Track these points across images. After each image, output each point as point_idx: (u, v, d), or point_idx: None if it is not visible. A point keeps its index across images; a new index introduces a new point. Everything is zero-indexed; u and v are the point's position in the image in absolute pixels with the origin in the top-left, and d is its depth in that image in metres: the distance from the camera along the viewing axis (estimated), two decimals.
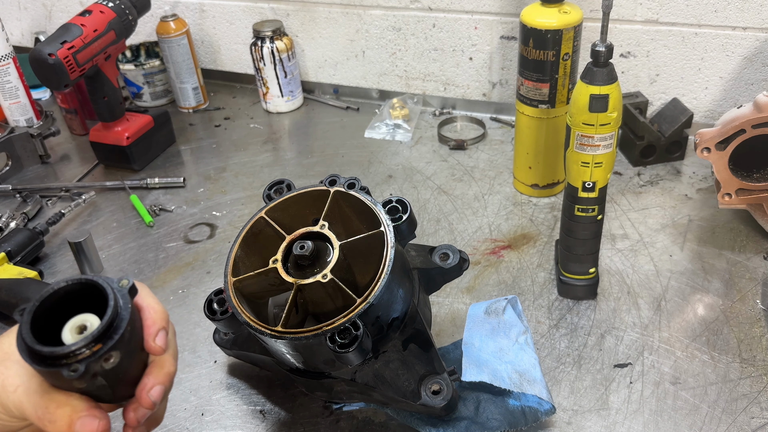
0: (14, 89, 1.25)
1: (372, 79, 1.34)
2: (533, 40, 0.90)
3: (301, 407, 0.72)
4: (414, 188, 1.07)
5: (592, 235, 0.79)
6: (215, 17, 1.41)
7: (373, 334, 0.60)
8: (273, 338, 0.58)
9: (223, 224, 1.03)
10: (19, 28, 1.64)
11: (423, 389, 0.62)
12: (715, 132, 0.84)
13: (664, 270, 0.86)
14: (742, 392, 0.70)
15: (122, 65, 1.35)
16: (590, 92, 0.68)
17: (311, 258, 0.62)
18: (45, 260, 0.99)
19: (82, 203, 1.07)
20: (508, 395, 0.67)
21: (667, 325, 0.78)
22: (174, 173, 1.18)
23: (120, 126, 1.16)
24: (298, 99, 1.36)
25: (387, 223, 0.63)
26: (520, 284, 0.86)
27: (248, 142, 1.26)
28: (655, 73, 1.12)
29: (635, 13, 1.07)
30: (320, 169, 1.15)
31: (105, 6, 1.08)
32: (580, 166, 0.73)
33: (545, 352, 0.76)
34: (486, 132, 1.20)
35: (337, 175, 0.68)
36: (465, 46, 1.22)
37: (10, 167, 1.20)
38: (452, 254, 0.68)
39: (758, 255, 0.87)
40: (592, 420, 0.68)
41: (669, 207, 0.98)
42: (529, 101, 0.95)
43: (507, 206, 1.01)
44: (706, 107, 1.12)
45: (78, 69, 1.03)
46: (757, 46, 1.03)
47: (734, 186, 0.87)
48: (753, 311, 0.79)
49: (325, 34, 1.32)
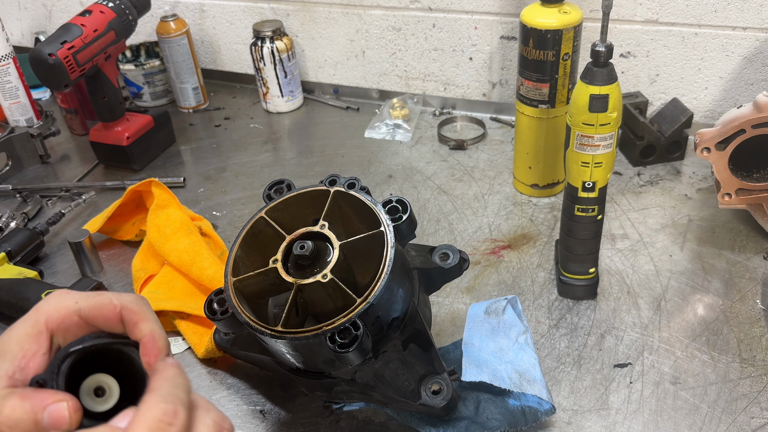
0: (14, 89, 1.25)
1: (372, 79, 1.34)
2: (533, 40, 0.90)
3: (301, 407, 0.72)
4: (414, 188, 1.07)
5: (592, 235, 0.79)
6: (215, 17, 1.41)
7: (373, 334, 0.60)
8: (273, 338, 0.58)
9: (223, 224, 1.03)
10: (19, 28, 1.64)
11: (423, 389, 0.62)
12: (715, 132, 0.84)
13: (664, 270, 0.86)
14: (742, 392, 0.70)
15: (122, 65, 1.35)
16: (590, 92, 0.68)
17: (311, 258, 0.62)
18: (45, 260, 0.99)
19: (82, 203, 1.07)
20: (508, 395, 0.67)
21: (667, 325, 0.78)
22: (174, 173, 1.18)
23: (120, 126, 1.16)
24: (298, 99, 1.36)
25: (387, 223, 0.63)
26: (520, 284, 0.86)
27: (248, 142, 1.26)
28: (655, 73, 1.12)
29: (635, 13, 1.07)
30: (320, 169, 1.15)
31: (105, 6, 1.08)
32: (580, 166, 0.73)
33: (545, 352, 0.76)
34: (486, 132, 1.20)
35: (337, 175, 0.68)
36: (465, 46, 1.22)
37: (10, 167, 1.20)
38: (452, 254, 0.68)
39: (758, 255, 0.87)
40: (592, 420, 0.68)
41: (669, 207, 0.98)
42: (529, 101, 0.96)
43: (507, 206, 1.01)
44: (706, 107, 1.12)
45: (78, 69, 1.03)
46: (757, 46, 1.03)
47: (734, 186, 0.87)
48: (753, 311, 0.79)
49: (325, 34, 1.32)
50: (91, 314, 0.44)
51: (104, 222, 0.97)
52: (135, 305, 0.44)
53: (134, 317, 0.44)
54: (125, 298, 0.45)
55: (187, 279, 0.87)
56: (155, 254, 0.91)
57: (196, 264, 0.84)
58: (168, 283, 0.87)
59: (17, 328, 0.43)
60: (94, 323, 0.44)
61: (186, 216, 0.93)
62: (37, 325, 0.43)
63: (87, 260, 0.93)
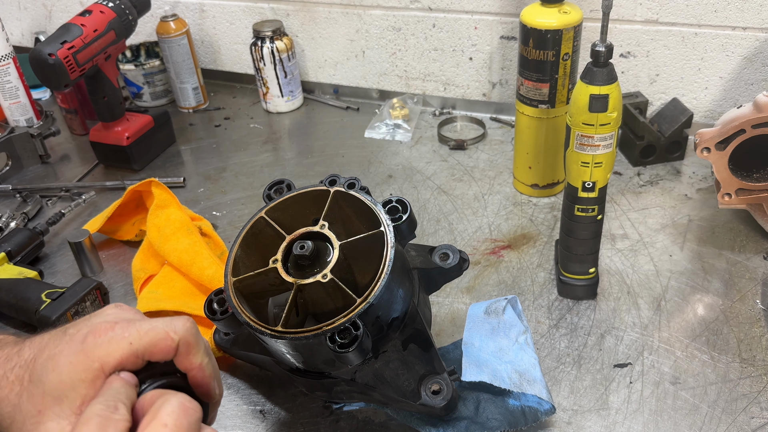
0: (14, 89, 1.25)
1: (372, 79, 1.34)
2: (533, 40, 0.90)
3: (301, 407, 0.72)
4: (414, 188, 1.07)
5: (592, 235, 0.79)
6: (215, 17, 1.41)
7: (373, 334, 0.60)
8: (273, 338, 0.58)
9: (223, 224, 1.03)
10: (19, 28, 1.64)
11: (423, 389, 0.62)
12: (715, 132, 0.84)
13: (664, 270, 0.86)
14: (741, 392, 0.70)
15: (122, 65, 1.35)
16: (590, 92, 0.68)
17: (311, 258, 0.62)
18: (45, 260, 0.99)
19: (82, 203, 1.07)
20: (508, 395, 0.67)
21: (667, 325, 0.78)
22: (174, 173, 1.18)
23: (120, 126, 1.16)
24: (298, 99, 1.36)
25: (387, 223, 0.63)
26: (520, 284, 0.86)
27: (248, 142, 1.26)
28: (655, 73, 1.12)
29: (635, 13, 1.07)
30: (320, 169, 1.15)
31: (105, 6, 1.08)
32: (580, 166, 0.73)
33: (545, 352, 0.76)
34: (486, 132, 1.20)
35: (337, 175, 0.68)
36: (465, 46, 1.22)
37: (10, 167, 1.20)
38: (452, 254, 0.68)
39: (758, 255, 0.87)
40: (592, 420, 0.68)
41: (669, 207, 0.98)
42: (529, 101, 0.96)
43: (507, 206, 1.01)
44: (706, 107, 1.12)
45: (78, 69, 1.03)
46: (757, 46, 1.03)
47: (734, 186, 0.87)
48: (753, 311, 0.79)
49: (325, 34, 1.32)
50: (148, 351, 0.44)
51: (104, 222, 0.97)
52: (191, 337, 0.46)
53: (188, 349, 0.46)
54: (179, 327, 0.46)
55: (187, 279, 0.87)
56: (155, 254, 0.91)
57: (196, 264, 0.84)
58: (168, 283, 0.87)
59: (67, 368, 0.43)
60: (150, 358, 0.45)
61: (186, 216, 0.93)
62: (91, 370, 0.43)
63: (87, 260, 0.93)
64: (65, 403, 0.42)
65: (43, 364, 0.44)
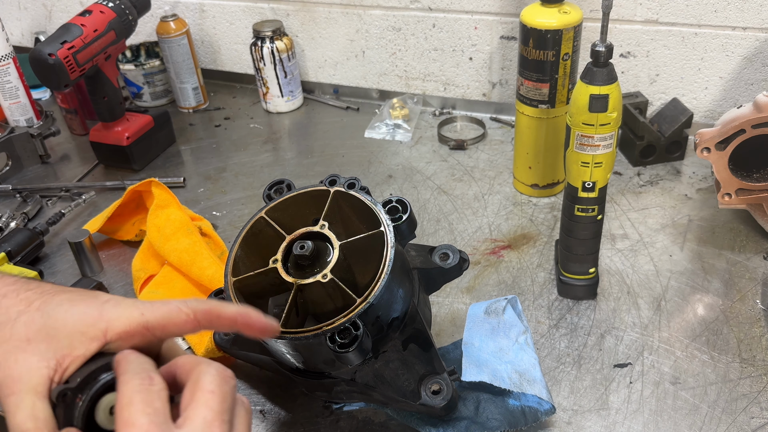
0: (14, 89, 1.25)
1: (372, 79, 1.34)
2: (533, 40, 0.90)
3: (301, 407, 0.72)
4: (414, 188, 1.07)
5: (592, 235, 0.79)
6: (215, 17, 1.41)
7: (373, 334, 0.60)
8: (273, 338, 0.58)
9: (223, 224, 1.03)
10: (19, 28, 1.64)
11: (423, 389, 0.62)
12: (715, 132, 0.84)
13: (664, 270, 0.86)
14: (741, 392, 0.70)
15: (122, 65, 1.35)
16: (590, 92, 0.68)
17: (311, 258, 0.62)
18: (45, 260, 0.99)
19: (82, 203, 1.07)
20: (508, 395, 0.67)
21: (667, 325, 0.78)
22: (174, 173, 1.18)
23: (120, 126, 1.16)
24: (298, 99, 1.36)
25: (387, 223, 0.63)
26: (520, 284, 0.86)
27: (248, 142, 1.26)
28: (655, 73, 1.12)
29: (635, 13, 1.07)
30: (320, 169, 1.15)
31: (105, 6, 1.08)
32: (580, 166, 0.73)
33: (545, 352, 0.76)
34: (486, 132, 1.20)
35: (337, 175, 0.68)
36: (465, 46, 1.22)
37: (10, 167, 1.20)
38: (452, 254, 0.68)
39: (758, 255, 0.87)
40: (592, 420, 0.68)
41: (669, 207, 0.98)
42: (529, 101, 0.96)
43: (507, 206, 1.01)
44: (706, 107, 1.12)
45: (78, 69, 1.03)
46: (757, 46, 1.03)
47: (734, 186, 0.87)
48: (753, 311, 0.79)
49: (325, 34, 1.32)
50: (160, 324, 0.44)
51: (104, 222, 0.97)
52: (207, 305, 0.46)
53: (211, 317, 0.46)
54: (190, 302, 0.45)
55: (187, 279, 0.87)
56: (155, 254, 0.91)
57: (196, 264, 0.84)
58: (168, 283, 0.87)
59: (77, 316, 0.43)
60: (162, 333, 0.44)
61: (186, 216, 0.93)
62: (94, 329, 0.43)
63: (87, 260, 0.93)
64: (54, 345, 0.41)
65: (59, 301, 0.43)
